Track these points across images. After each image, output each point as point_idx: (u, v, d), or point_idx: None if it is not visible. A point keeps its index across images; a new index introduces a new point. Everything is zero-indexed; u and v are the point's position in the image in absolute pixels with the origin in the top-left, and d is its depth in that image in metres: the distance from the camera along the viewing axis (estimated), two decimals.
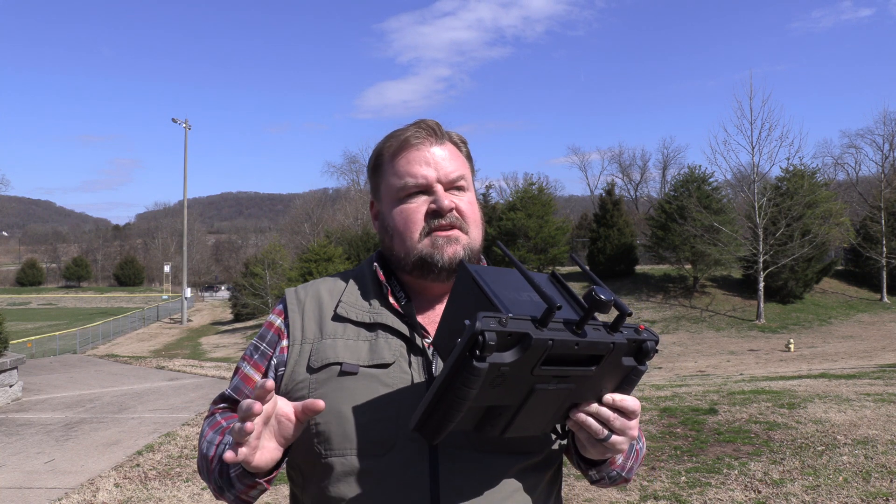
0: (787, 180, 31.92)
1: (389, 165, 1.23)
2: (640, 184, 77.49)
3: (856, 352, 19.56)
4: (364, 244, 34.66)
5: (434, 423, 0.90)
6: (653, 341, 0.97)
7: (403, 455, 1.08)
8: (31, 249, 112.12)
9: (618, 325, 0.94)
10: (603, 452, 1.05)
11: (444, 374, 0.85)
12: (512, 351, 0.84)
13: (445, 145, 1.24)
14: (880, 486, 4.56)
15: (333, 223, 46.59)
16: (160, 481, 5.54)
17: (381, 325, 1.17)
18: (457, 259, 1.18)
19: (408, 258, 1.20)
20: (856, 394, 7.77)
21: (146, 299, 63.67)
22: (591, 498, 4.60)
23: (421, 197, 1.20)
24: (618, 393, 1.00)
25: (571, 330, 0.89)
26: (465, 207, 1.22)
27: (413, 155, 1.21)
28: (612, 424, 0.99)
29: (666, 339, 25.96)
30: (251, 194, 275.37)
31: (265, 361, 1.21)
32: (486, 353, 0.81)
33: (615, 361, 0.94)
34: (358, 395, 1.11)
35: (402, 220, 1.21)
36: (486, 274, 0.97)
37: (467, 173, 1.26)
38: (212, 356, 26.05)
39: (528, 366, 0.86)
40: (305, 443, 1.13)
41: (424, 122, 1.25)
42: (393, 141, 1.24)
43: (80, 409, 9.47)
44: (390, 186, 1.23)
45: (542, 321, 0.86)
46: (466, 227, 1.22)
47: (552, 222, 37.04)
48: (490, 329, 0.80)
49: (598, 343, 0.90)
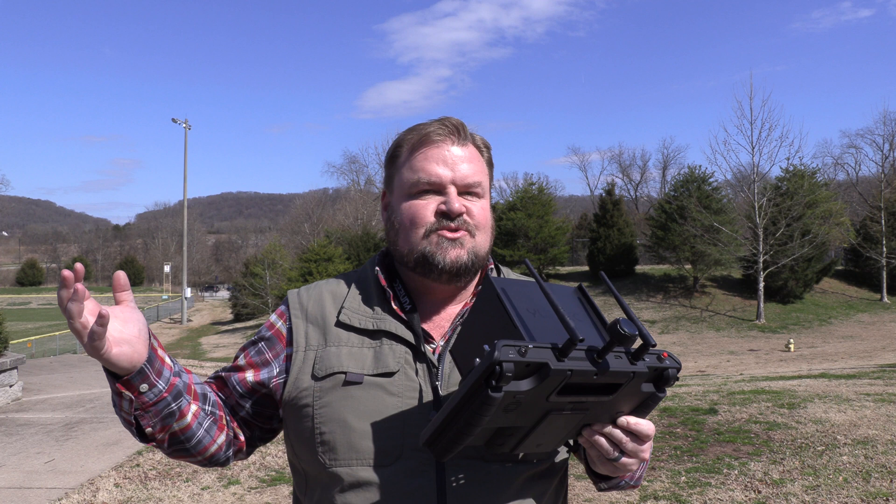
0: (787, 180, 31.92)
1: (407, 158, 1.20)
2: (640, 184, 77.58)
3: (856, 352, 19.55)
4: (364, 244, 34.64)
5: (444, 441, 0.89)
6: (675, 369, 0.96)
7: (409, 465, 1.07)
8: (31, 249, 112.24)
9: (640, 355, 0.92)
10: (613, 471, 1.04)
11: (458, 398, 0.85)
12: (529, 380, 0.83)
13: (467, 147, 1.21)
14: (880, 486, 4.56)
15: (333, 223, 46.58)
16: (160, 481, 5.54)
17: (384, 332, 1.15)
18: (459, 263, 1.16)
19: (410, 255, 1.18)
20: (856, 394, 7.77)
21: (146, 299, 63.62)
22: (591, 498, 4.60)
23: (432, 195, 1.18)
24: (633, 416, 0.99)
25: (592, 359, 0.87)
26: (477, 212, 1.19)
27: (432, 152, 1.18)
28: (624, 447, 0.98)
29: (666, 339, 25.96)
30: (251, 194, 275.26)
31: (259, 357, 1.20)
32: (503, 384, 0.80)
33: (634, 388, 0.94)
34: (363, 404, 1.09)
35: (410, 215, 1.18)
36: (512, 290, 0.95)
37: (485, 180, 1.22)
38: (212, 356, 26.06)
39: (544, 393, 0.86)
40: (310, 450, 1.12)
41: (449, 119, 1.21)
42: (414, 134, 1.21)
43: (80, 409, 9.47)
44: (404, 180, 1.20)
45: (562, 351, 0.85)
46: (475, 231, 1.18)
47: (552, 222, 37.04)
48: (509, 360, 0.79)
49: (618, 373, 0.89)
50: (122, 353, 0.98)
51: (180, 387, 1.08)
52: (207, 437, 1.14)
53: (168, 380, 1.05)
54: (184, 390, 1.09)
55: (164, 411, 1.05)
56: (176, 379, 1.07)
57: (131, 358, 0.99)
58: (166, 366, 1.07)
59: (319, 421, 1.11)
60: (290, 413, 1.17)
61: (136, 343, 1.00)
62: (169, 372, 1.06)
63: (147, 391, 1.02)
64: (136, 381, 1.01)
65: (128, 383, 1.01)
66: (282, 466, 5.60)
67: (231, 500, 5.02)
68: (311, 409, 1.12)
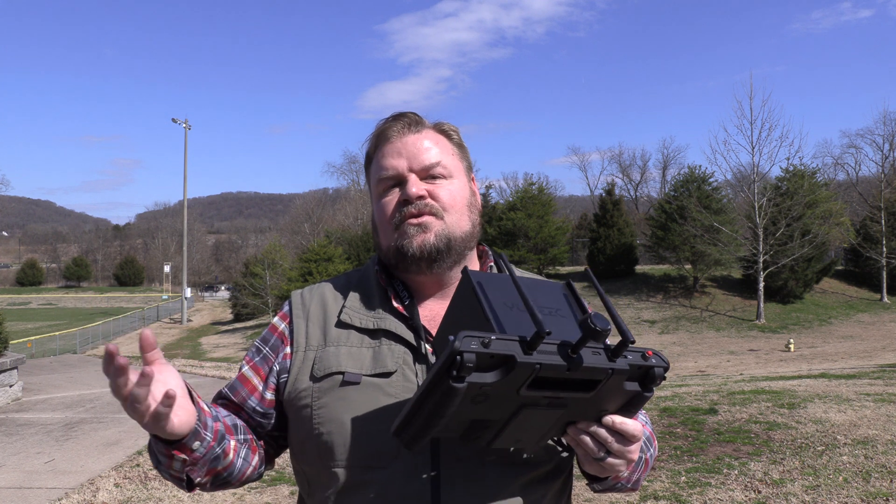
0: (787, 180, 31.93)
1: (373, 162, 1.22)
2: (640, 184, 77.58)
3: (856, 352, 19.55)
4: (364, 244, 34.64)
5: (412, 430, 0.88)
6: (661, 367, 0.93)
7: (406, 467, 1.06)
8: (31, 249, 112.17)
9: (620, 352, 0.89)
10: (600, 471, 1.02)
11: (423, 389, 0.84)
12: (494, 372, 0.82)
13: (422, 133, 1.20)
14: (880, 486, 4.56)
15: (333, 223, 46.60)
16: (160, 481, 5.53)
17: (384, 331, 1.15)
18: (426, 247, 1.14)
19: (388, 252, 1.19)
20: (856, 394, 7.77)
21: (146, 299, 63.65)
22: (591, 498, 4.60)
23: (396, 189, 1.18)
24: (619, 415, 0.96)
25: (565, 354, 0.85)
26: (441, 193, 1.18)
27: (387, 148, 1.19)
28: (610, 446, 0.96)
29: (666, 339, 25.97)
30: (251, 194, 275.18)
31: (266, 365, 1.20)
32: (464, 374, 0.79)
33: (616, 386, 0.91)
34: (360, 405, 1.09)
35: (380, 214, 1.20)
36: (490, 284, 0.94)
37: (449, 159, 1.21)
38: (212, 356, 26.06)
39: (513, 386, 0.84)
40: (310, 451, 1.12)
41: (404, 113, 1.23)
42: (373, 137, 1.23)
43: (80, 409, 9.47)
44: (373, 183, 1.22)
45: (530, 344, 0.82)
46: (441, 213, 1.17)
47: (552, 222, 37.06)
48: (470, 350, 0.78)
49: (594, 369, 0.86)
50: (182, 421, 0.96)
51: (221, 430, 1.08)
52: (245, 463, 1.15)
53: (212, 428, 1.04)
54: (224, 431, 1.09)
55: (211, 459, 1.05)
56: (217, 424, 1.07)
57: (189, 421, 0.97)
58: (207, 413, 1.05)
59: (317, 422, 1.10)
60: (291, 413, 1.17)
61: (184, 404, 0.97)
62: (210, 419, 1.05)
63: (199, 447, 1.02)
64: (192, 442, 1.00)
65: (183, 446, 1.00)
66: (282, 466, 5.60)
67: (231, 500, 5.01)
68: (310, 410, 1.12)
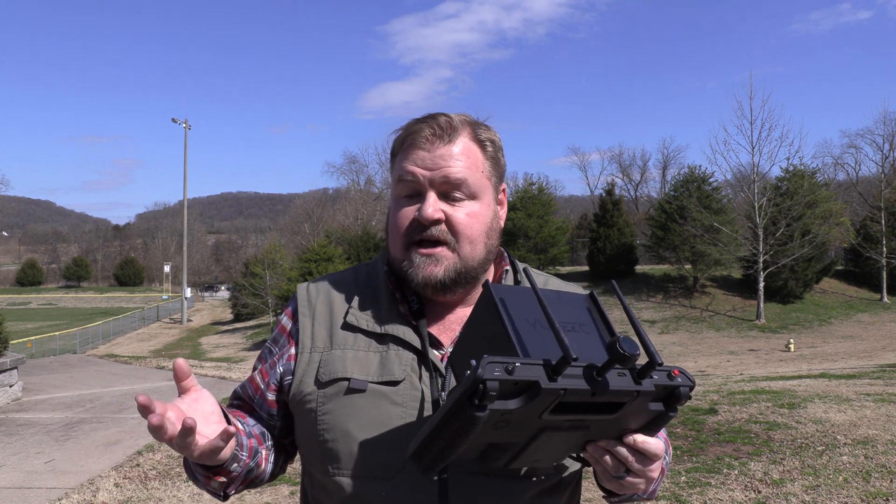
0: (787, 180, 31.92)
1: (397, 160, 1.14)
2: (640, 184, 77.51)
3: (856, 352, 19.55)
4: (364, 244, 34.64)
5: (430, 456, 0.85)
6: (687, 387, 0.89)
7: (411, 479, 1.02)
8: (31, 249, 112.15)
9: (646, 373, 0.85)
10: (619, 489, 0.99)
11: (442, 414, 0.81)
12: (518, 399, 0.79)
13: (453, 144, 1.09)
14: (880, 486, 4.56)
15: (333, 223, 46.58)
16: (160, 481, 5.53)
17: (391, 336, 1.10)
18: (433, 280, 1.08)
19: (396, 263, 1.14)
20: (856, 394, 7.76)
21: (146, 299, 63.64)
22: (591, 498, 4.60)
23: (414, 200, 1.10)
24: (642, 434, 0.92)
25: (589, 377, 0.81)
26: (459, 219, 1.08)
27: (412, 153, 1.10)
28: (630, 465, 0.92)
29: (666, 338, 25.97)
30: (251, 194, 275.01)
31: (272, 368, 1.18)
32: (486, 402, 0.76)
33: (640, 406, 0.88)
34: (366, 414, 1.05)
35: (393, 221, 1.13)
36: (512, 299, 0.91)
37: (476, 177, 1.10)
38: (212, 356, 26.08)
39: (536, 412, 0.81)
40: (314, 455, 1.10)
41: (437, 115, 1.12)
42: (402, 131, 1.14)
43: (80, 409, 9.47)
44: (393, 178, 1.15)
45: (555, 370, 0.79)
46: (455, 244, 1.08)
47: (552, 222, 37.05)
48: (493, 378, 0.75)
49: (619, 392, 0.83)
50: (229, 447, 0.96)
51: (255, 445, 1.08)
52: (274, 466, 1.16)
53: (246, 446, 1.05)
54: (256, 445, 1.09)
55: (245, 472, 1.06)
56: (251, 441, 1.07)
57: (230, 447, 0.98)
58: (241, 432, 1.05)
59: (322, 428, 1.08)
60: (296, 416, 1.15)
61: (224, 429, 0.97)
62: (244, 437, 1.05)
63: (236, 468, 1.03)
64: (230, 465, 1.01)
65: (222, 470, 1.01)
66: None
67: (231, 499, 5.01)
68: (315, 415, 1.09)
